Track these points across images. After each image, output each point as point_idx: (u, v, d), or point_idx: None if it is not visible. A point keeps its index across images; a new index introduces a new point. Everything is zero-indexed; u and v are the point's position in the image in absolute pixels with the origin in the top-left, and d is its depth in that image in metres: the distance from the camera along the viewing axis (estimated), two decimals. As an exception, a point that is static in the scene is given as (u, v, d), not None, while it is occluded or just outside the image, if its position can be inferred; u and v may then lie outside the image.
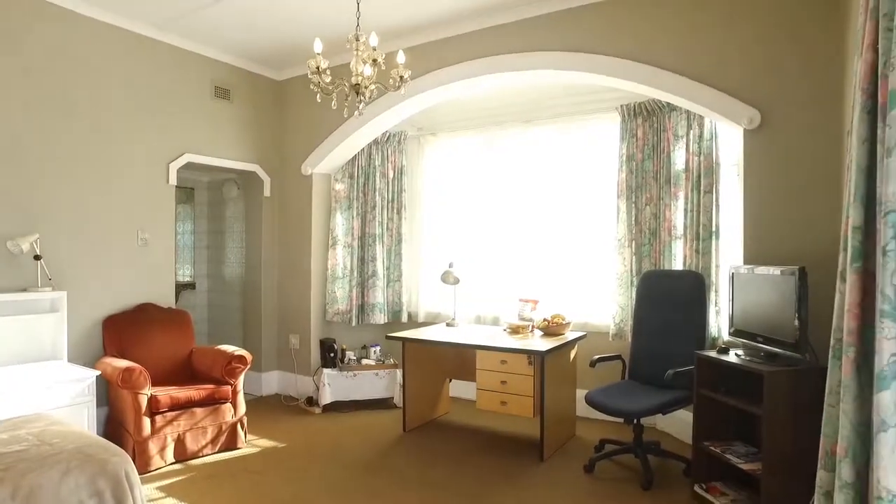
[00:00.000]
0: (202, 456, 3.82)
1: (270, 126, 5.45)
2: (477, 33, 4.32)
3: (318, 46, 3.08)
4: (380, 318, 5.33)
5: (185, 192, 5.85)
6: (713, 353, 3.17)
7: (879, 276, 1.51)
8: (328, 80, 3.08)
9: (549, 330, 4.08)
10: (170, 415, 3.67)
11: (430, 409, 4.60)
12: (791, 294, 2.79)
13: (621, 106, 4.34)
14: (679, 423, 4.08)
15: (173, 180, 4.61)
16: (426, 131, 5.47)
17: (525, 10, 4.08)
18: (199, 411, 3.80)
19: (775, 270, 2.93)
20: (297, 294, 5.39)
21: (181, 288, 5.75)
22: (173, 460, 3.71)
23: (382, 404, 5.00)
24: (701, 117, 3.92)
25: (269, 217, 5.47)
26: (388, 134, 5.37)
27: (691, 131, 3.97)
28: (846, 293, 1.69)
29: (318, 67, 3.03)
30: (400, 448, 4.01)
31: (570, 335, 4.11)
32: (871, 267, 1.62)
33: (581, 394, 3.87)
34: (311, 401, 5.04)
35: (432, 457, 3.83)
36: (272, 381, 5.50)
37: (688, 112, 3.98)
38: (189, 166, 4.83)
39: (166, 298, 4.55)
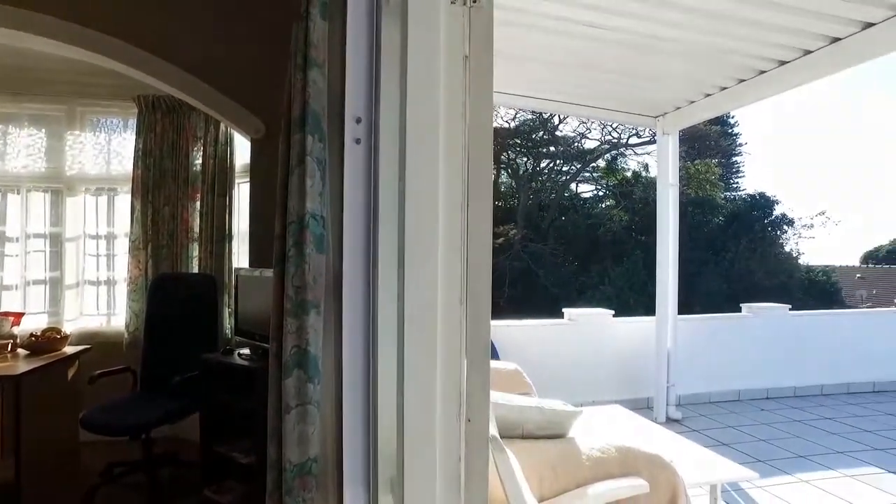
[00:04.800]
0: None
1: None
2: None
3: None
4: None
5: None
6: (218, 355, 3.23)
7: (286, 279, 1.74)
8: None
9: (38, 347, 3.44)
10: None
11: None
12: (280, 293, 3.06)
13: (139, 97, 4.03)
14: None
15: None
16: None
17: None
18: None
19: (269, 272, 3.17)
20: None
21: None
22: None
23: None
24: (218, 121, 3.98)
25: None
26: None
27: (209, 134, 4.00)
28: (272, 294, 1.90)
29: None
30: None
31: (69, 350, 3.56)
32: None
33: (86, 416, 3.40)
34: None
35: None
36: None
37: (206, 115, 3.97)
38: None
39: None
